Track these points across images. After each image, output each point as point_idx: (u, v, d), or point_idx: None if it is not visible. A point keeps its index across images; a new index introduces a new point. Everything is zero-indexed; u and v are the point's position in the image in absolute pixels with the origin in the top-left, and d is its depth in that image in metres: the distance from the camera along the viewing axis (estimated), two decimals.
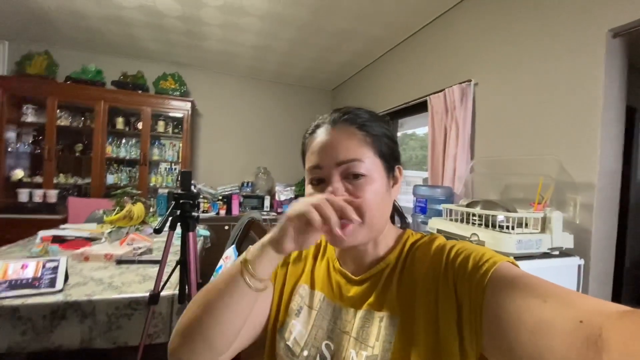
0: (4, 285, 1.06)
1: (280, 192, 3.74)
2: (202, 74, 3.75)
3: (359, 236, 0.47)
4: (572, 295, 0.34)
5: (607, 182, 1.36)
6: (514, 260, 0.41)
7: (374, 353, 0.45)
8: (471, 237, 1.29)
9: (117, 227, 1.82)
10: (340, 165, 0.47)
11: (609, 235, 1.40)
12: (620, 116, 1.39)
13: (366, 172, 0.47)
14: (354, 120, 0.49)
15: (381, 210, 0.49)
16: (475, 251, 0.43)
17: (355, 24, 2.52)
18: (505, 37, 1.77)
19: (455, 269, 0.43)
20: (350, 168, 0.47)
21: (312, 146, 0.51)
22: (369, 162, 0.48)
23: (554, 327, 0.31)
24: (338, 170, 0.47)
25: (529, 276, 0.37)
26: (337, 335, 0.51)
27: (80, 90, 3.07)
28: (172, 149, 3.56)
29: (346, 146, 0.48)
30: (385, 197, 0.49)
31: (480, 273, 0.39)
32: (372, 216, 0.47)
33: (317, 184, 0.50)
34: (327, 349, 0.50)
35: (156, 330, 1.15)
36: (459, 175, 1.94)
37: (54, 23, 2.74)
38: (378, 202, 0.48)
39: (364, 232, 0.47)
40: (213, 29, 2.72)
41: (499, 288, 0.37)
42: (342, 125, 0.50)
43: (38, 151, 3.06)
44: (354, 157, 0.47)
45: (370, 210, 0.46)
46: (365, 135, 0.49)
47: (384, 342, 0.45)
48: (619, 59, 1.37)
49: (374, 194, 0.47)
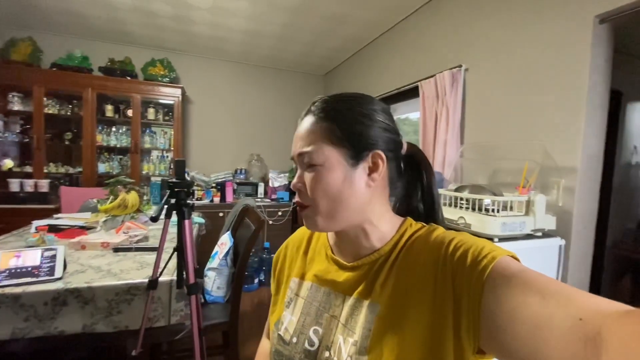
0: (4, 274, 1.08)
1: (273, 179, 3.76)
2: (192, 60, 3.69)
3: (317, 221, 0.50)
4: (572, 292, 0.33)
5: (589, 165, 1.41)
6: (514, 254, 0.41)
7: (355, 339, 0.46)
8: (458, 220, 1.34)
9: (112, 216, 1.84)
10: (300, 156, 0.50)
11: (589, 217, 1.46)
12: (604, 101, 1.43)
13: (321, 162, 0.48)
14: (316, 110, 0.51)
15: (341, 199, 0.48)
16: (474, 245, 0.42)
17: (347, 8, 2.49)
18: (496, 22, 1.78)
19: (453, 263, 0.42)
20: (306, 159, 0.49)
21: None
22: (327, 151, 0.48)
23: (552, 324, 0.31)
24: (300, 160, 0.51)
25: (528, 271, 0.37)
26: (325, 319, 0.52)
27: (67, 77, 3.00)
28: (164, 136, 3.53)
29: (302, 138, 0.50)
30: (344, 186, 0.48)
31: (480, 268, 0.39)
32: (325, 204, 0.48)
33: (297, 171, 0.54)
34: (314, 334, 0.52)
35: (156, 314, 1.19)
36: (449, 161, 1.98)
37: (37, 7, 2.65)
38: (333, 191, 0.48)
39: (319, 218, 0.50)
40: (202, 13, 2.66)
41: (497, 284, 0.36)
42: (308, 115, 0.52)
43: (26, 140, 3.01)
44: (308, 149, 0.49)
45: (323, 198, 0.48)
46: (327, 124, 0.49)
47: (364, 329, 0.46)
48: (605, 44, 1.39)
49: (325, 183, 0.48)
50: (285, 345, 0.53)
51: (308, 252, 0.63)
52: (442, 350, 0.40)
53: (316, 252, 0.61)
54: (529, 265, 0.39)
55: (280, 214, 3.53)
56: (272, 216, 3.48)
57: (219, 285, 1.66)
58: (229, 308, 1.55)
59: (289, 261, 0.65)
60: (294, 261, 0.64)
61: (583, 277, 1.48)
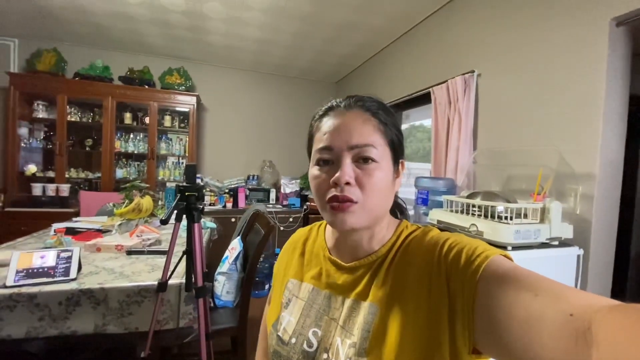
0: (22, 274, 1.12)
1: (285, 185, 3.78)
2: (206, 69, 3.79)
3: (360, 219, 0.47)
4: (564, 289, 0.33)
5: (608, 172, 1.36)
6: (507, 253, 0.41)
7: (354, 341, 0.46)
8: (470, 227, 1.31)
9: (127, 220, 1.89)
10: (353, 149, 0.47)
11: (609, 226, 1.40)
12: (623, 107, 1.38)
13: (377, 159, 0.47)
14: (369, 107, 0.50)
15: (383, 199, 0.49)
16: (468, 245, 0.43)
17: (358, 16, 2.51)
18: (508, 26, 1.76)
19: (448, 264, 0.42)
20: (363, 152, 0.47)
21: (322, 128, 0.50)
22: (381, 150, 0.48)
23: (543, 321, 0.31)
24: (350, 153, 0.47)
25: (521, 269, 0.37)
26: (325, 322, 0.52)
27: (89, 86, 3.13)
28: (179, 143, 3.62)
29: (360, 131, 0.48)
30: (389, 187, 0.50)
31: (473, 268, 0.39)
32: (373, 202, 0.47)
33: (324, 164, 0.49)
34: (314, 336, 0.52)
35: (165, 317, 1.21)
36: (461, 167, 1.94)
37: (61, 20, 2.79)
38: (382, 190, 0.48)
39: (364, 215, 0.47)
40: (217, 23, 2.74)
41: (491, 282, 0.37)
42: (356, 109, 0.50)
43: (50, 146, 3.15)
44: (367, 142, 0.47)
45: (373, 195, 0.47)
46: (379, 122, 0.49)
47: (363, 331, 0.46)
48: (623, 48, 1.35)
49: (379, 181, 0.47)
50: (283, 345, 0.54)
51: (304, 253, 0.63)
52: (440, 350, 0.40)
53: (313, 254, 0.61)
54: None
55: (292, 220, 3.54)
56: (283, 222, 3.50)
57: (229, 289, 1.67)
58: (238, 313, 1.55)
59: (285, 263, 0.65)
60: (290, 263, 0.64)
61: (604, 287, 1.41)
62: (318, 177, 0.49)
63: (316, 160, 0.50)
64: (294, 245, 0.66)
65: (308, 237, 0.65)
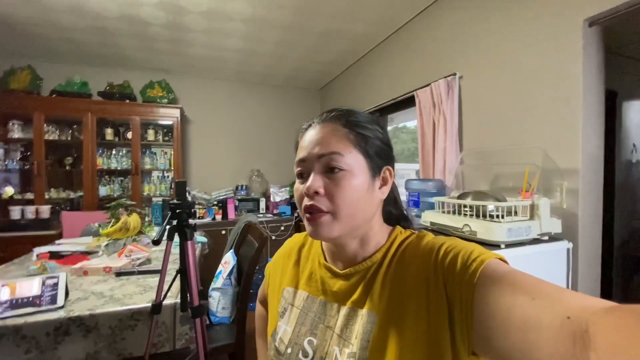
0: (5, 305, 1.06)
1: (275, 194, 3.75)
2: (189, 80, 3.74)
3: (333, 228, 0.48)
4: (560, 291, 0.33)
5: (590, 166, 1.41)
6: (502, 256, 0.42)
7: (353, 350, 0.46)
8: (463, 227, 1.33)
9: (114, 239, 1.82)
10: (321, 158, 0.48)
11: (595, 217, 1.45)
12: (599, 103, 1.44)
13: (345, 167, 0.48)
14: (340, 118, 0.51)
15: (359, 208, 0.49)
16: (463, 249, 0.43)
17: (339, 23, 2.54)
18: (487, 29, 1.81)
19: (444, 269, 0.43)
20: (330, 161, 0.48)
21: (301, 142, 0.53)
22: (350, 158, 0.48)
23: (541, 324, 0.31)
24: (319, 164, 0.49)
25: (516, 273, 0.38)
26: (320, 330, 0.52)
27: (67, 103, 3.04)
28: (164, 156, 3.55)
29: (328, 141, 0.49)
30: (366, 195, 0.49)
31: (470, 272, 0.39)
32: (345, 211, 0.47)
33: (300, 177, 0.51)
34: (309, 345, 0.51)
35: (160, 339, 1.17)
36: (449, 168, 1.98)
37: (34, 37, 2.70)
38: (355, 198, 0.48)
39: (336, 225, 0.48)
40: (198, 35, 2.71)
41: (487, 286, 0.37)
42: (329, 122, 0.51)
43: (27, 167, 3.02)
44: (333, 150, 0.48)
45: (344, 204, 0.47)
46: (349, 132, 0.50)
47: (362, 340, 0.46)
48: (596, 46, 1.41)
49: (351, 189, 0.47)
50: (280, 356, 0.54)
51: (300, 261, 0.63)
52: (440, 357, 0.40)
53: (309, 261, 0.61)
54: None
55: (283, 229, 3.51)
56: (274, 231, 3.46)
57: (224, 305, 1.64)
58: (235, 329, 1.52)
59: (280, 271, 0.65)
60: (285, 271, 0.64)
61: (594, 278, 1.45)
62: (297, 190, 0.52)
63: (296, 173, 0.53)
64: (289, 252, 0.66)
65: (304, 243, 0.65)
